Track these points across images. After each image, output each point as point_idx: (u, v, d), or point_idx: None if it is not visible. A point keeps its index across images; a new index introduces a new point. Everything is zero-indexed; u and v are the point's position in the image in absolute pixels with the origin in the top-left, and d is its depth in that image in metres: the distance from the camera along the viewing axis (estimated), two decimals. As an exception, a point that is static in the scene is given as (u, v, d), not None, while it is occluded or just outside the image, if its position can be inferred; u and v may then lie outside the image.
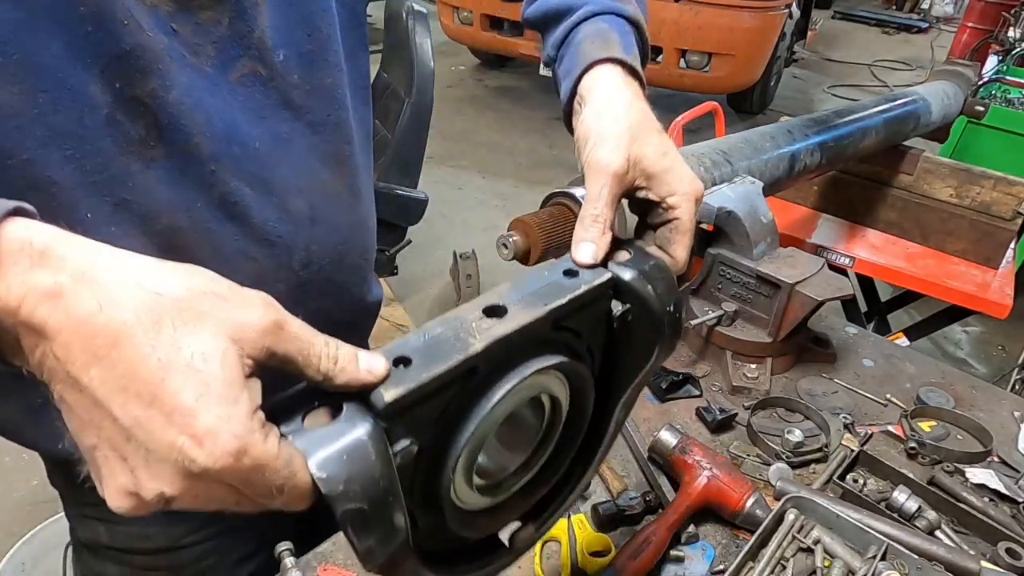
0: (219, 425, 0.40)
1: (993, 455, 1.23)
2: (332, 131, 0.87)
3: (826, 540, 0.97)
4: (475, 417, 0.54)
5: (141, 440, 0.40)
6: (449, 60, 7.51)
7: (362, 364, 0.47)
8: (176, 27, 0.70)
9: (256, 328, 0.43)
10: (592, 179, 0.67)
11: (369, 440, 0.45)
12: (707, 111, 3.05)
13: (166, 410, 0.39)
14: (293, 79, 0.80)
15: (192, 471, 0.40)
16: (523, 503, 0.67)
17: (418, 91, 2.88)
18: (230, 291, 0.44)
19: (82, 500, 1.01)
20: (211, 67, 0.74)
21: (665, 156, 0.69)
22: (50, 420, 0.86)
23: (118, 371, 0.40)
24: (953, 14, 11.35)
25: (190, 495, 0.42)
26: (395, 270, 3.50)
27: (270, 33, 0.77)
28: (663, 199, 0.69)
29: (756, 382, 1.34)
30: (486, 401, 0.54)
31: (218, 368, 0.41)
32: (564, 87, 0.78)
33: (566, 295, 0.59)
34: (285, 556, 0.89)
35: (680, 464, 1.08)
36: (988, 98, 3.56)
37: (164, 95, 0.69)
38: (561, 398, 0.63)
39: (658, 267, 0.66)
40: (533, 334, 0.56)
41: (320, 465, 0.44)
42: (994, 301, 2.13)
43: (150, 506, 0.42)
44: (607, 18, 0.80)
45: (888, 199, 2.36)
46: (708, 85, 5.76)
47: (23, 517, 2.36)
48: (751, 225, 1.35)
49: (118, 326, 0.39)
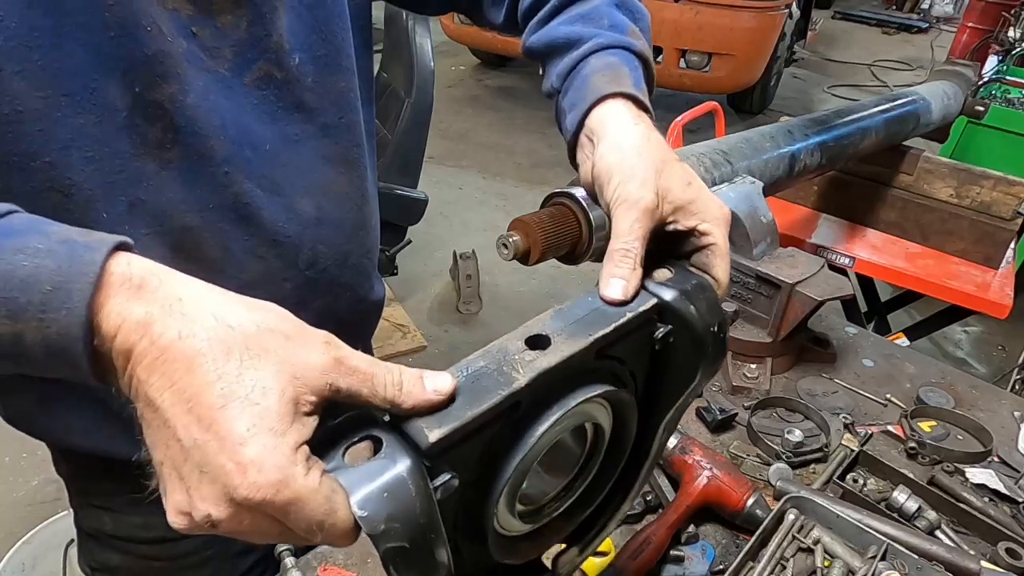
0: (263, 456, 0.42)
1: (993, 455, 1.23)
2: (343, 134, 0.88)
3: (826, 540, 0.97)
4: (519, 452, 0.53)
5: (197, 461, 0.43)
6: (449, 60, 7.51)
7: (428, 385, 0.48)
8: (196, 30, 0.72)
9: (317, 367, 0.45)
10: (622, 215, 0.66)
11: (409, 477, 0.45)
12: (707, 111, 3.05)
13: (220, 435, 0.42)
14: (307, 82, 0.82)
15: (235, 498, 0.42)
16: (564, 527, 0.66)
17: (418, 91, 2.88)
18: (295, 330, 0.47)
19: (88, 490, 1.01)
20: (227, 70, 0.75)
21: (690, 186, 0.69)
22: (62, 411, 0.87)
23: (186, 395, 0.43)
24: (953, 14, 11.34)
25: (235, 521, 0.44)
26: (395, 270, 3.50)
27: (287, 37, 0.78)
28: (694, 228, 0.68)
29: (756, 382, 1.34)
30: (529, 436, 0.53)
31: (274, 402, 0.43)
32: (570, 119, 0.77)
33: (611, 324, 0.57)
34: (285, 556, 0.90)
35: (680, 464, 1.08)
36: (988, 98, 3.55)
37: (182, 99, 0.71)
38: (604, 425, 0.62)
39: (701, 286, 0.64)
40: (577, 365, 0.55)
41: (361, 503, 0.44)
42: (994, 301, 2.13)
43: (200, 527, 0.44)
44: (616, 52, 0.79)
45: (888, 199, 2.36)
46: (708, 85, 5.76)
47: (23, 517, 2.36)
48: (751, 225, 1.35)
49: (192, 354, 0.43)
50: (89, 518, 1.03)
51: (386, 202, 1.05)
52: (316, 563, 0.96)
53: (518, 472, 0.54)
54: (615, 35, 0.80)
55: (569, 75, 0.80)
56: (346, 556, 0.97)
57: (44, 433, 0.93)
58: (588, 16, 0.83)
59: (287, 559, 0.89)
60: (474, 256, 3.72)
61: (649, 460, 0.70)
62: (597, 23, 0.81)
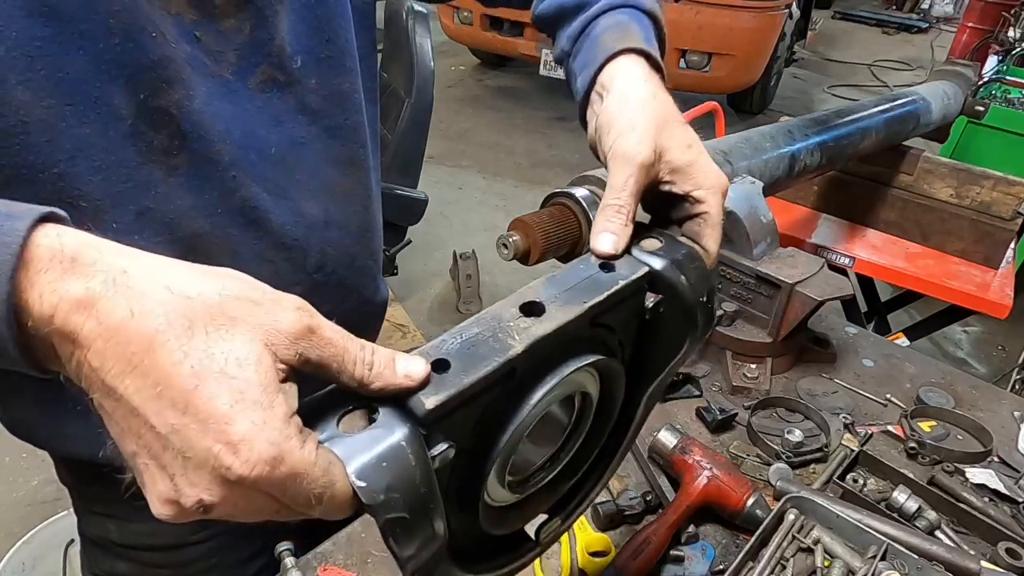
0: (254, 432, 0.39)
1: (993, 455, 1.23)
2: (348, 135, 0.88)
3: (826, 540, 0.97)
4: (515, 420, 0.52)
5: (178, 448, 0.39)
6: (449, 60, 7.51)
7: (400, 369, 0.45)
8: (199, 35, 0.71)
9: (289, 333, 0.42)
10: (617, 168, 0.65)
11: (408, 446, 0.43)
12: (707, 111, 3.05)
13: (201, 417, 0.39)
14: (310, 84, 0.81)
15: (229, 478, 0.39)
16: (550, 496, 0.66)
17: (418, 91, 2.88)
18: (263, 295, 0.43)
19: (92, 497, 1.01)
20: (231, 74, 0.75)
21: (690, 149, 0.67)
22: (63, 420, 0.87)
23: (152, 379, 0.39)
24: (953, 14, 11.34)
25: (229, 503, 0.41)
26: (395, 270, 3.50)
27: (289, 40, 0.78)
28: (689, 193, 0.67)
29: (756, 382, 1.34)
30: (525, 404, 0.53)
31: (252, 373, 0.40)
32: (581, 79, 0.76)
33: (604, 291, 0.57)
34: (285, 556, 0.90)
35: (680, 464, 1.08)
36: (988, 98, 3.55)
37: (188, 104, 0.71)
38: (592, 393, 0.62)
39: (691, 256, 0.64)
40: (571, 332, 0.54)
41: (359, 473, 0.42)
42: (994, 301, 2.13)
43: (190, 514, 0.41)
44: (626, 11, 0.78)
45: (888, 199, 2.36)
46: (708, 85, 5.75)
47: (23, 517, 2.36)
48: (751, 225, 1.35)
49: (150, 333, 0.39)
50: (93, 525, 1.03)
51: (386, 202, 1.05)
52: (316, 563, 0.96)
53: (512, 441, 0.53)
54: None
55: (579, 37, 0.80)
56: (346, 556, 0.97)
57: (45, 442, 0.92)
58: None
59: (287, 559, 0.89)
60: (474, 256, 3.72)
61: (632, 429, 0.70)
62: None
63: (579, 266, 0.61)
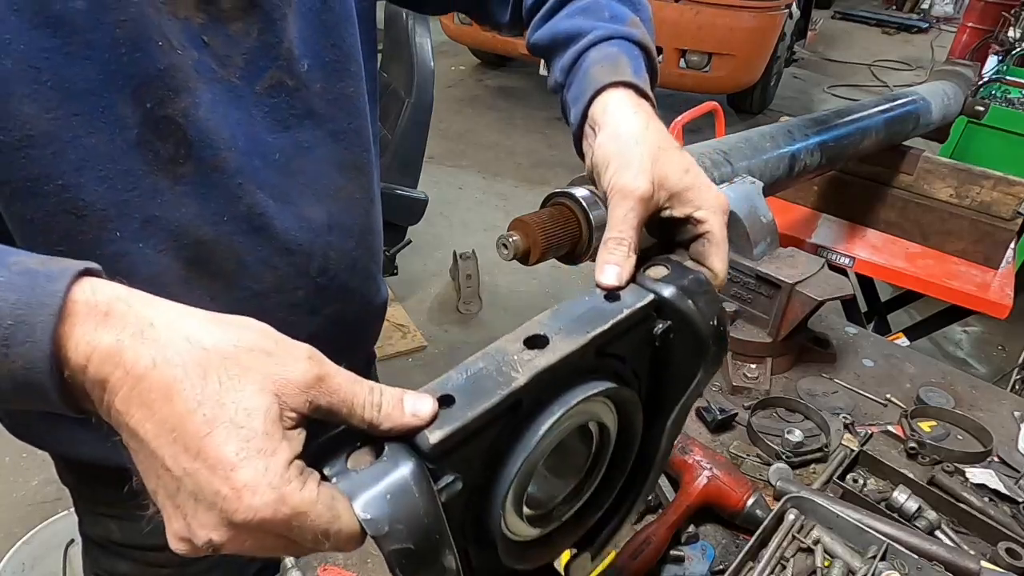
0: (256, 478, 0.41)
1: (993, 455, 1.23)
2: (352, 139, 0.88)
3: (826, 540, 0.97)
4: (522, 451, 0.53)
5: (190, 490, 0.42)
6: (449, 60, 7.50)
7: (408, 407, 0.47)
8: (207, 39, 0.71)
9: (299, 383, 0.44)
10: (617, 203, 0.66)
11: (412, 479, 0.45)
12: (707, 111, 3.05)
13: (210, 463, 0.42)
14: (316, 88, 0.81)
15: (234, 521, 0.42)
16: (575, 531, 0.66)
17: (418, 91, 2.88)
18: (276, 346, 0.46)
19: (93, 497, 1.01)
20: (238, 79, 0.75)
21: (688, 173, 0.68)
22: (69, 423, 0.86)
23: (169, 425, 0.42)
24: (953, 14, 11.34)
25: (237, 543, 0.43)
26: (395, 270, 3.50)
27: (296, 43, 0.78)
28: (690, 215, 0.68)
29: (756, 382, 1.34)
30: (532, 435, 0.53)
31: (259, 423, 0.42)
32: (574, 112, 0.77)
33: (608, 320, 0.57)
34: (285, 556, 0.90)
35: (680, 464, 1.08)
36: (988, 98, 3.55)
37: (194, 112, 0.71)
38: (609, 424, 0.62)
39: (698, 280, 0.64)
40: (577, 363, 0.55)
41: (364, 507, 0.43)
42: (994, 301, 2.13)
43: (202, 551, 0.44)
44: (616, 42, 0.79)
45: (888, 199, 2.36)
46: (708, 85, 5.75)
47: (23, 517, 2.36)
48: (751, 225, 1.35)
49: (169, 381, 0.42)
50: (95, 526, 1.03)
51: (386, 202, 1.05)
52: (316, 563, 0.96)
53: (523, 473, 0.53)
54: (615, 26, 0.80)
55: (572, 69, 0.80)
56: (346, 556, 0.97)
57: (50, 444, 0.92)
58: (589, 9, 0.83)
59: (287, 559, 0.89)
60: (474, 256, 3.72)
61: (657, 460, 0.69)
62: (598, 15, 0.82)
63: (584, 297, 0.61)
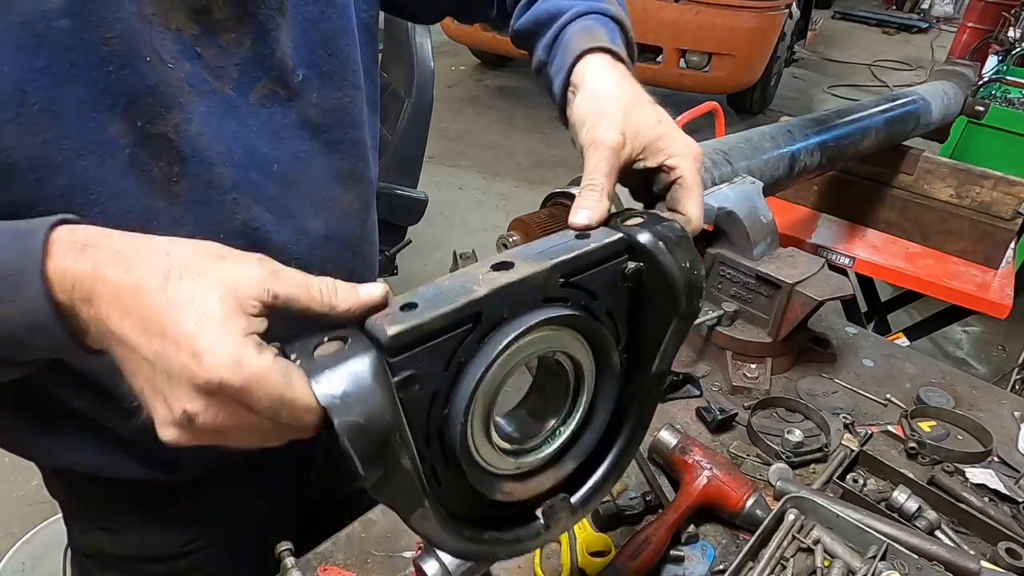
0: (215, 342, 0.46)
1: (993, 455, 1.23)
2: (349, 149, 0.88)
3: (826, 540, 0.97)
4: (480, 364, 0.55)
5: (162, 368, 0.48)
6: (449, 60, 7.50)
7: (361, 292, 0.52)
8: (200, 50, 0.71)
9: (254, 277, 0.50)
10: (591, 155, 0.69)
11: (369, 365, 0.48)
12: (707, 111, 3.05)
13: (175, 337, 0.47)
14: (312, 98, 0.81)
15: (199, 384, 0.46)
16: (553, 473, 0.67)
17: (418, 91, 2.88)
18: (229, 252, 0.52)
19: (87, 511, 1.01)
20: (232, 90, 0.74)
21: (659, 124, 0.71)
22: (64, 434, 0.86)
23: (140, 316, 0.48)
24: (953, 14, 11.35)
25: (211, 414, 0.48)
26: (395, 270, 3.50)
27: (291, 53, 0.77)
28: (662, 163, 0.71)
29: (756, 382, 1.34)
30: (490, 348, 0.55)
31: (216, 303, 0.47)
32: (557, 82, 0.81)
33: (573, 251, 0.60)
34: (285, 556, 0.90)
35: (680, 464, 1.08)
36: (988, 98, 3.55)
37: (186, 128, 0.70)
38: (582, 361, 0.63)
39: (671, 227, 0.65)
40: (542, 288, 0.57)
41: (320, 382, 0.47)
42: (994, 301, 2.13)
43: (187, 431, 0.49)
44: (592, 16, 0.84)
45: (888, 199, 2.36)
46: (708, 85, 5.75)
47: (23, 517, 2.36)
48: (751, 225, 1.35)
49: (136, 281, 0.48)
50: (87, 538, 1.02)
51: (386, 202, 1.05)
52: (316, 563, 0.96)
53: (484, 391, 0.56)
54: (591, 3, 0.85)
55: (553, 44, 0.85)
56: (346, 556, 0.97)
57: (43, 456, 0.92)
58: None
59: (287, 559, 0.89)
60: (474, 256, 3.70)
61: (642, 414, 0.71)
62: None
63: (555, 236, 0.63)
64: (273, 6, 0.75)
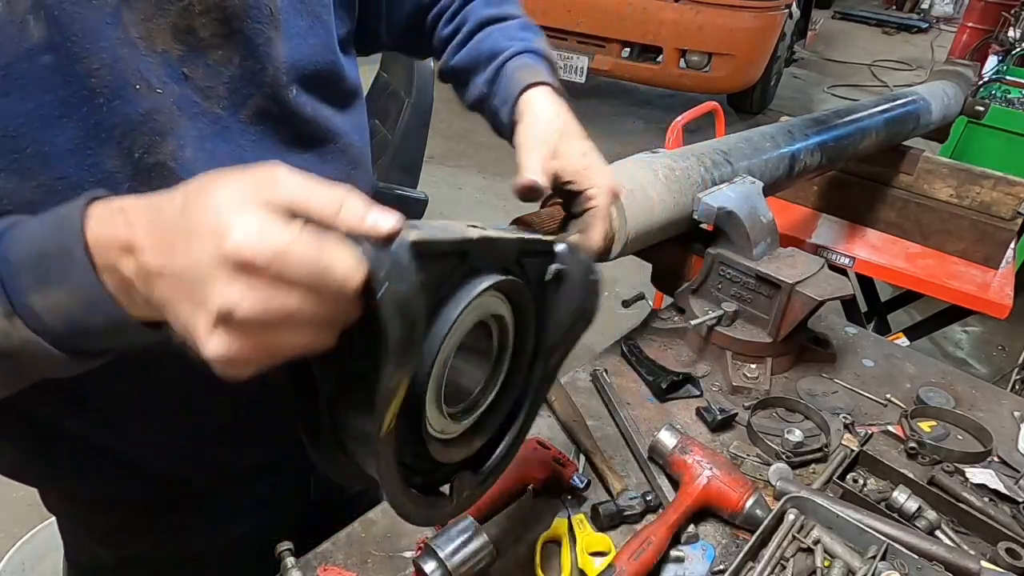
0: (236, 221, 0.44)
1: (993, 455, 1.23)
2: (340, 158, 0.88)
3: (826, 540, 0.97)
4: (463, 297, 0.57)
5: (193, 273, 0.45)
6: (449, 60, 7.50)
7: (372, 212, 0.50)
8: (187, 72, 0.70)
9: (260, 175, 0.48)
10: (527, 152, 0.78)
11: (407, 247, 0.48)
12: (707, 111, 3.05)
13: (198, 235, 0.45)
14: (306, 113, 0.81)
15: (230, 266, 0.44)
16: (465, 448, 0.70)
17: (418, 91, 2.88)
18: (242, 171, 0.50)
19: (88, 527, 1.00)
20: (223, 109, 0.74)
21: (586, 156, 0.82)
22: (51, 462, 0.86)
23: (167, 240, 0.47)
24: (953, 14, 11.36)
25: (249, 300, 0.44)
26: (395, 270, 3.49)
27: (283, 69, 0.77)
28: (584, 192, 0.82)
29: (756, 382, 1.34)
30: (472, 287, 0.58)
31: (229, 196, 0.46)
32: (504, 112, 0.90)
33: (530, 235, 0.69)
34: (285, 556, 0.90)
35: (680, 464, 1.08)
36: (988, 98, 3.56)
37: (182, 154, 0.69)
38: (508, 337, 0.69)
39: (576, 244, 0.76)
40: (506, 253, 0.64)
41: (364, 250, 0.46)
42: (994, 301, 2.13)
43: (228, 331, 0.45)
44: (529, 55, 0.95)
45: (888, 199, 2.36)
46: (708, 85, 5.75)
47: (23, 517, 2.36)
48: (751, 225, 1.35)
49: (158, 215, 0.49)
50: (84, 552, 1.02)
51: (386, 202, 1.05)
52: (316, 563, 0.96)
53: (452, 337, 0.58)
54: (525, 43, 0.96)
55: (495, 79, 0.95)
56: (346, 556, 0.97)
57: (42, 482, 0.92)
58: (504, 32, 0.99)
59: (287, 559, 0.89)
60: (474, 256, 3.72)
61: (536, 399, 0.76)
62: (512, 38, 0.97)
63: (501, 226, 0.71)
64: (262, 19, 0.73)
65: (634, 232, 1.24)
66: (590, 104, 6.85)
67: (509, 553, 0.99)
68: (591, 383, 1.34)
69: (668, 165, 1.34)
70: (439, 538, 0.89)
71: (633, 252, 1.33)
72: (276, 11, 0.74)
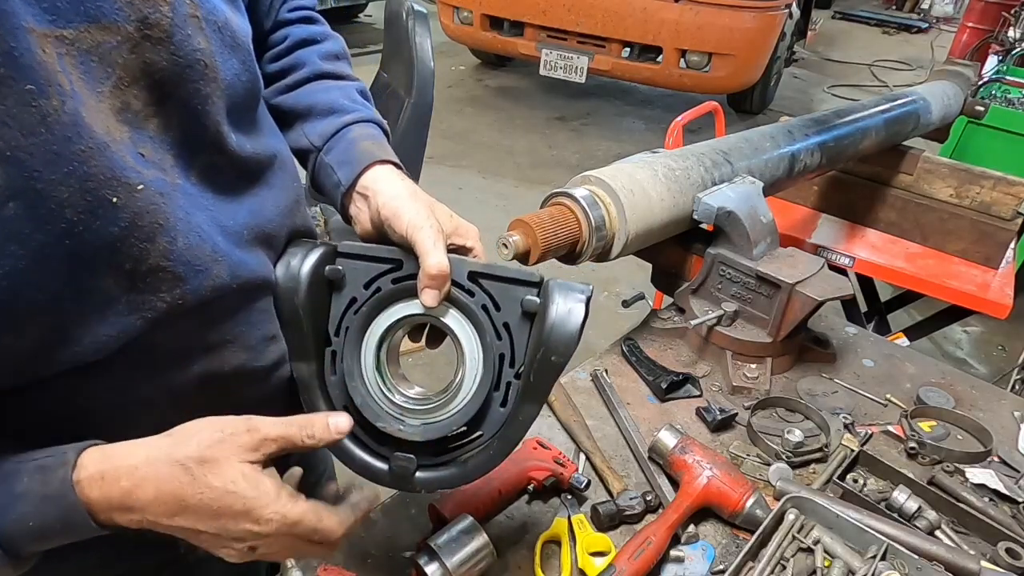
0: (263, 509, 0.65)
1: (993, 455, 1.23)
2: (280, 174, 0.87)
3: (826, 540, 0.97)
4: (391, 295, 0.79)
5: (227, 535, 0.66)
6: (449, 60, 7.51)
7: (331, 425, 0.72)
8: (142, 151, 0.66)
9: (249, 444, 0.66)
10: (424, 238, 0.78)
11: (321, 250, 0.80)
12: (707, 111, 3.05)
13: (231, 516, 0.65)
14: (247, 150, 0.79)
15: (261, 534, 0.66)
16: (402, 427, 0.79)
17: (418, 91, 2.88)
18: (222, 432, 0.65)
19: None
20: (179, 178, 0.70)
21: (452, 218, 0.89)
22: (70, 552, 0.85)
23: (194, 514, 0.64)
24: (953, 14, 11.36)
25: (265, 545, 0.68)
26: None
27: (224, 123, 0.74)
28: (463, 245, 0.89)
29: (756, 382, 1.34)
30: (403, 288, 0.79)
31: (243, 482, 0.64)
32: (343, 174, 0.89)
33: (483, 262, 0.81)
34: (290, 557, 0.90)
35: (680, 464, 1.08)
36: (988, 98, 3.56)
37: (172, 247, 0.67)
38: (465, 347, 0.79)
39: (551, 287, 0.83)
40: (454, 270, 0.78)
41: None
42: (994, 301, 2.13)
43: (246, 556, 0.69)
44: (373, 126, 0.96)
45: (888, 199, 2.36)
46: (708, 85, 5.75)
47: None
48: (751, 225, 1.35)
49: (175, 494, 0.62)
50: None
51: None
52: (316, 563, 0.96)
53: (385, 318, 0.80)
54: (369, 113, 0.97)
55: (333, 137, 0.93)
56: (346, 556, 0.97)
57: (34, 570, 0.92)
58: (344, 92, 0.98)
59: (288, 559, 0.89)
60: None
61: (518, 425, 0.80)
62: (354, 100, 0.97)
63: None
64: (196, 77, 0.69)
65: (634, 232, 1.24)
66: (590, 104, 6.86)
67: (509, 553, 0.99)
68: (591, 383, 1.34)
69: (668, 165, 1.34)
70: (439, 538, 0.89)
71: (633, 252, 1.34)
72: (212, 63, 0.70)
